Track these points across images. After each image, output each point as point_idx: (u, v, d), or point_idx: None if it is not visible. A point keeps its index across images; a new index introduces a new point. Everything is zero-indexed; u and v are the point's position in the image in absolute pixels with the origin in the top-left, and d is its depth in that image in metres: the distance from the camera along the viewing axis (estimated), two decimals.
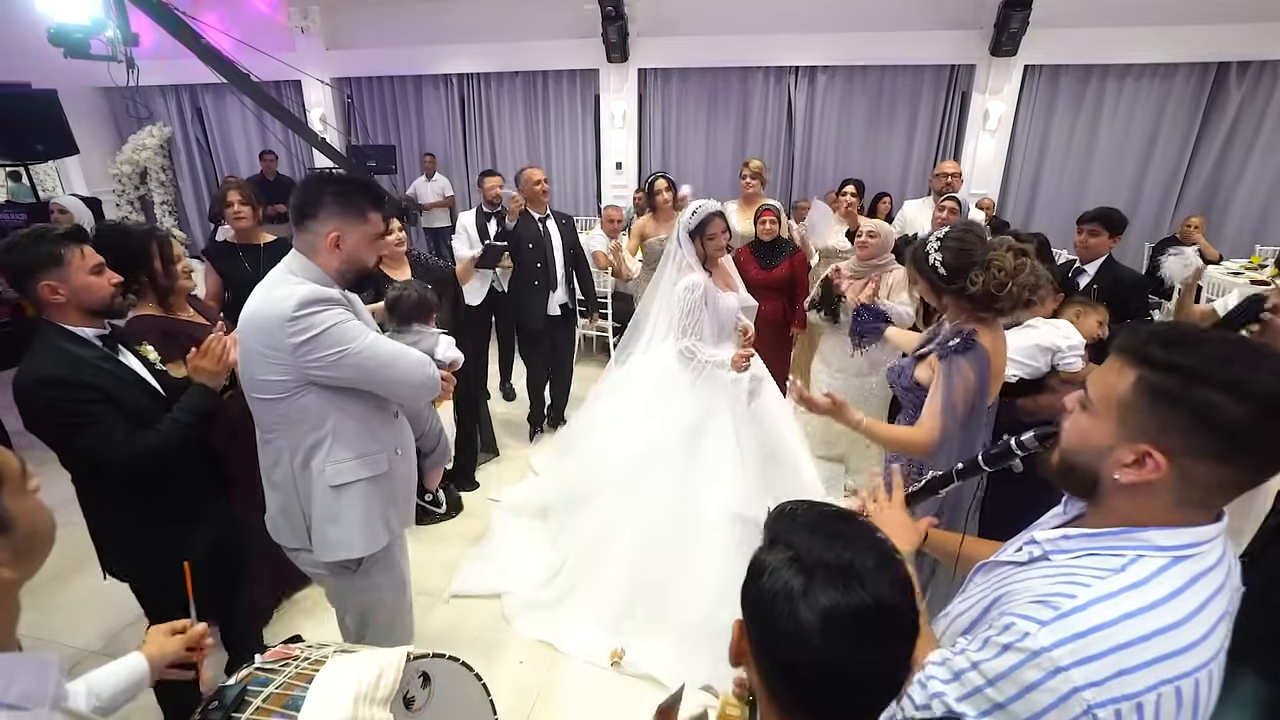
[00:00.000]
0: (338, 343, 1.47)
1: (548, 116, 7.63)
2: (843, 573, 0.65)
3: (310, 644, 1.19)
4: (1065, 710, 0.72)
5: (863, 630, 0.64)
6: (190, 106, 8.70)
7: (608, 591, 2.56)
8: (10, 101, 5.69)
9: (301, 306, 1.43)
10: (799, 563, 0.67)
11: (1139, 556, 0.78)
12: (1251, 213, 5.88)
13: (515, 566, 2.89)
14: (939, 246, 1.68)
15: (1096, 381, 0.83)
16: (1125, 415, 0.78)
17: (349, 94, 8.08)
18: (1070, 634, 0.74)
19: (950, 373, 1.66)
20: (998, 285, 1.60)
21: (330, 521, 1.62)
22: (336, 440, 1.57)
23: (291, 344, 1.44)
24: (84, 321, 1.68)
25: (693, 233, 2.59)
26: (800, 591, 0.65)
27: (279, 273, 1.55)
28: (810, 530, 0.71)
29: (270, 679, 1.08)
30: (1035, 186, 6.51)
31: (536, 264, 3.79)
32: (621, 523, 2.65)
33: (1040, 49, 5.94)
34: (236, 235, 2.90)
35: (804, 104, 6.81)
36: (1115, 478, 0.79)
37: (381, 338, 1.57)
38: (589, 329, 5.38)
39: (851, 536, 0.70)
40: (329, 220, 1.51)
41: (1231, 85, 5.69)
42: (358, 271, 1.59)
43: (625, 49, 6.79)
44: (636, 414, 2.79)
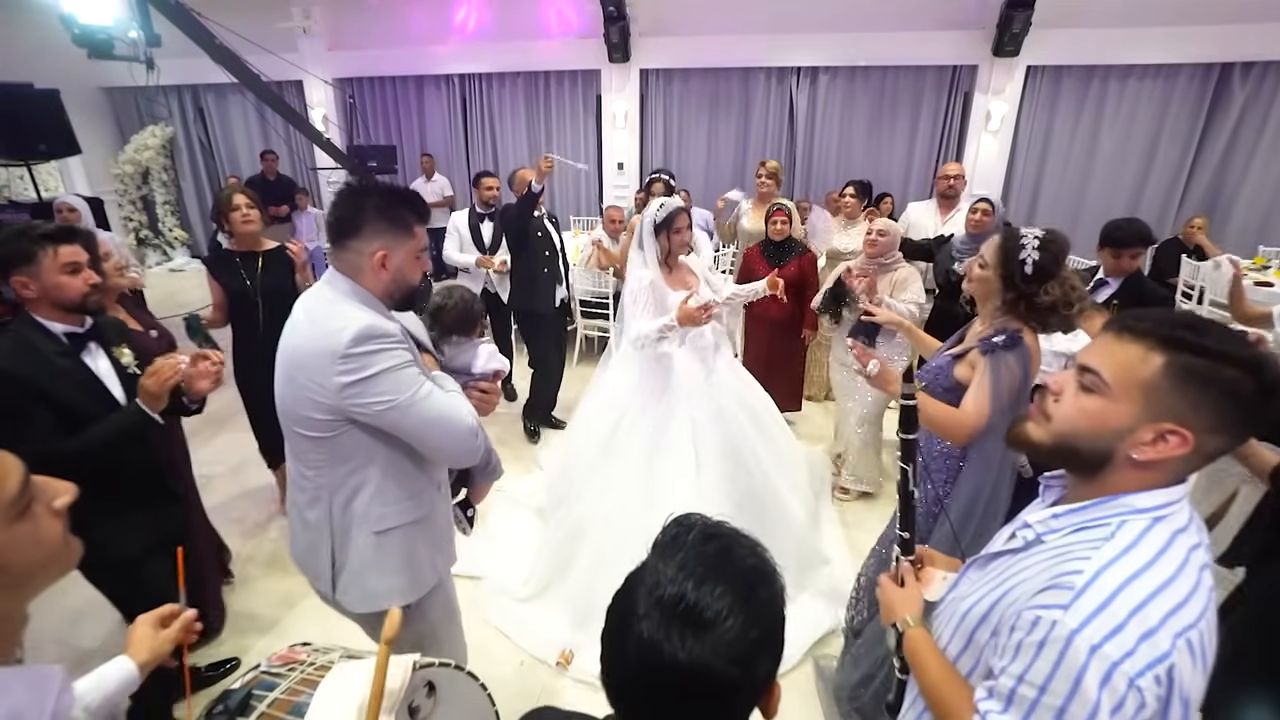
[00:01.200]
0: (389, 391, 1.32)
1: (549, 117, 7.63)
2: (679, 613, 0.63)
3: (316, 648, 1.19)
4: (1112, 691, 0.74)
5: (674, 682, 0.63)
6: (192, 106, 8.70)
7: (574, 594, 2.57)
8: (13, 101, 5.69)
9: (358, 342, 1.28)
10: (651, 589, 0.66)
11: (1123, 522, 0.83)
12: (1255, 214, 5.86)
13: (504, 555, 2.94)
14: (1039, 245, 1.67)
15: (1110, 364, 0.84)
16: (1151, 396, 0.80)
17: (351, 94, 8.09)
18: (1093, 609, 0.77)
19: (998, 367, 1.67)
20: (1066, 304, 1.65)
21: (372, 569, 1.48)
22: (386, 479, 1.44)
23: (339, 383, 1.29)
24: (58, 317, 1.72)
25: (658, 227, 2.58)
26: (637, 617, 0.65)
27: (325, 297, 1.39)
28: (684, 558, 0.68)
29: (276, 683, 1.08)
30: (1037, 188, 6.50)
31: (545, 252, 3.80)
32: (587, 527, 2.66)
33: (1043, 49, 5.93)
34: (238, 242, 2.81)
35: (806, 104, 6.80)
36: (1133, 456, 0.82)
37: (435, 390, 1.40)
38: (590, 329, 5.39)
39: (721, 573, 0.66)
40: (375, 238, 1.36)
41: (1235, 86, 5.67)
42: (405, 292, 1.45)
43: (627, 49, 6.79)
44: (606, 418, 2.81)
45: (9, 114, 5.61)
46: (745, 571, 0.68)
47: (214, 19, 4.99)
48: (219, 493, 3.50)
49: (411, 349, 1.40)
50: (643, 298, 2.54)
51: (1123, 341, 0.84)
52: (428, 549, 1.56)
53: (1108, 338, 0.87)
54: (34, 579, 0.75)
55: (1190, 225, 5.36)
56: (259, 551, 3.08)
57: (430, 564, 1.58)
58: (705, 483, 2.53)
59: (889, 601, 1.14)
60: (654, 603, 0.65)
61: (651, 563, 0.70)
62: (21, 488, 0.72)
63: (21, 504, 0.72)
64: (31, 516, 0.74)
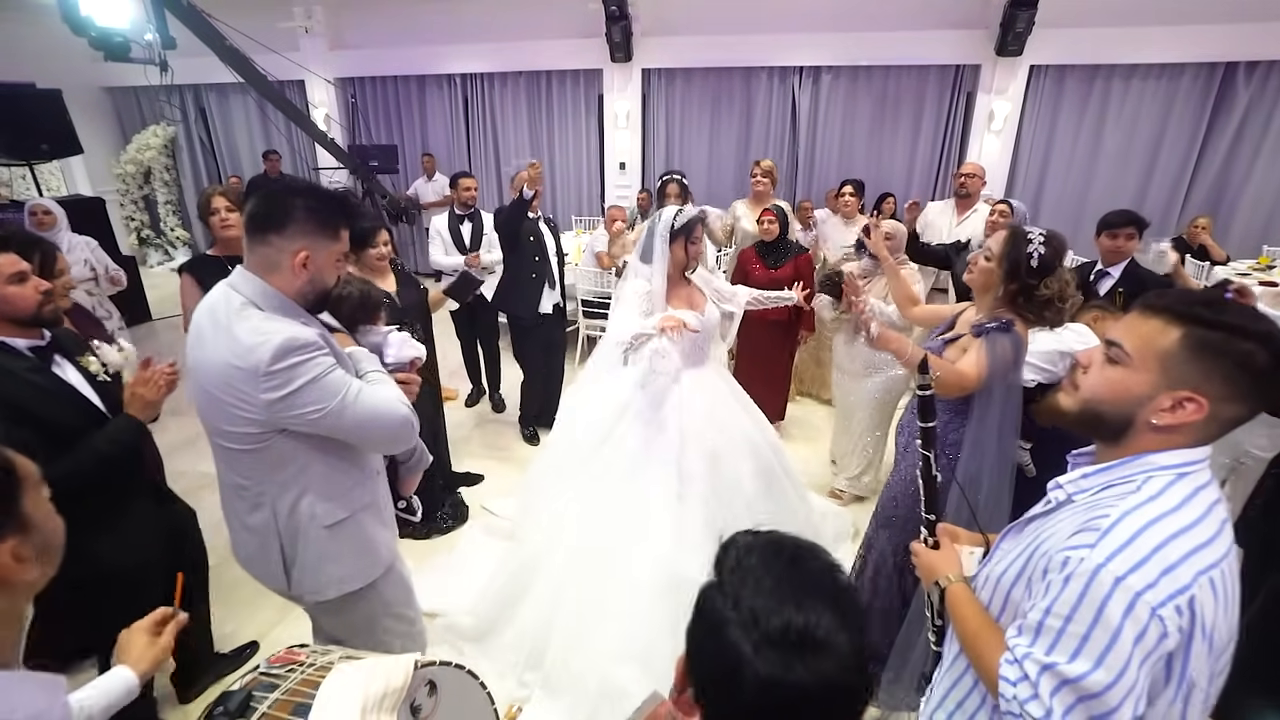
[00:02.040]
0: (318, 400, 1.31)
1: (551, 117, 7.62)
2: (793, 642, 0.60)
3: (315, 648, 1.17)
4: (1135, 620, 0.80)
5: (804, 707, 0.60)
6: (194, 106, 8.71)
7: (525, 632, 2.32)
8: (15, 101, 5.71)
9: (278, 357, 1.26)
10: (748, 626, 0.62)
11: (1149, 477, 0.89)
12: (1259, 213, 5.84)
13: (468, 587, 2.62)
14: (1044, 241, 1.77)
15: (1132, 337, 0.92)
16: (1169, 366, 0.87)
17: (352, 94, 8.09)
18: (1117, 545, 0.83)
19: (993, 345, 1.76)
20: (1061, 299, 1.76)
21: (329, 560, 1.50)
22: (331, 474, 1.45)
23: (267, 399, 1.28)
24: (13, 332, 1.59)
25: (675, 234, 2.34)
26: (747, 659, 0.60)
27: (233, 305, 1.33)
28: (764, 581, 0.64)
29: (276, 684, 1.07)
30: (1041, 187, 6.48)
31: (534, 257, 3.77)
32: (546, 557, 2.40)
33: (1046, 49, 5.91)
34: (222, 246, 2.68)
35: (808, 104, 6.78)
36: (1152, 421, 0.89)
37: (365, 387, 1.41)
38: (592, 329, 5.38)
39: (809, 588, 0.64)
40: (300, 237, 1.33)
41: (1240, 85, 5.65)
42: (320, 293, 1.42)
43: (629, 49, 6.78)
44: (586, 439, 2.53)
45: (11, 114, 5.62)
46: (823, 575, 0.67)
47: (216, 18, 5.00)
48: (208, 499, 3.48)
49: (333, 348, 1.40)
50: (634, 304, 2.34)
51: (1145, 317, 0.91)
52: (381, 529, 1.60)
53: (1133, 315, 0.94)
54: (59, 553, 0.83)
55: (1194, 225, 5.33)
56: None
57: (385, 544, 1.61)
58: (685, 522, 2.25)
59: (928, 564, 1.21)
60: (762, 639, 0.61)
61: (731, 595, 0.65)
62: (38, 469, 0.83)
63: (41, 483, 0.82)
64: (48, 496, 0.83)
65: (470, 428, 4.33)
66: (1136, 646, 0.80)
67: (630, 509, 2.30)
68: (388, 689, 0.99)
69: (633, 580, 2.20)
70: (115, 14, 4.34)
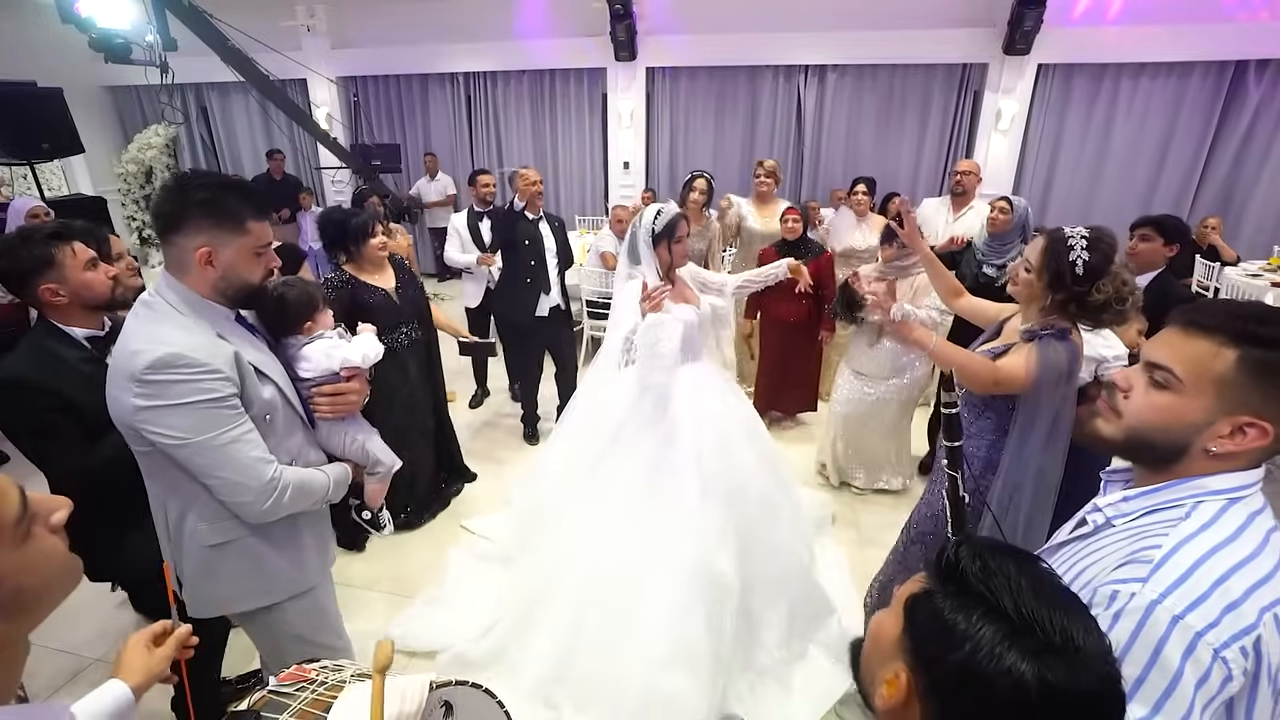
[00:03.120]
0: (183, 429, 1.24)
1: (554, 115, 7.58)
2: (1063, 646, 0.56)
3: (325, 665, 1.14)
4: (1197, 663, 0.73)
5: (1086, 710, 0.57)
6: (196, 105, 8.67)
7: (541, 653, 2.25)
8: (16, 100, 5.66)
9: (156, 368, 1.20)
10: (1015, 623, 0.57)
11: (1198, 503, 0.83)
12: (1269, 213, 5.80)
13: (463, 619, 2.52)
14: (1087, 245, 1.64)
15: (1181, 360, 0.84)
16: (1226, 391, 0.80)
17: (355, 92, 8.05)
18: (1173, 580, 0.76)
19: (1045, 350, 1.64)
20: (1119, 300, 1.63)
21: (205, 577, 1.43)
22: (208, 500, 1.35)
23: (133, 404, 1.23)
24: (85, 320, 1.63)
25: (657, 237, 2.30)
26: (1020, 665, 0.56)
27: (147, 306, 1.30)
28: (1022, 571, 0.61)
29: (286, 704, 1.03)
30: (1048, 187, 6.44)
31: (530, 262, 3.74)
32: (564, 571, 2.33)
33: (1054, 47, 5.87)
34: None
35: (813, 103, 6.74)
36: (1210, 449, 0.82)
37: (244, 439, 1.30)
38: (596, 329, 5.34)
39: (1066, 602, 0.61)
40: (197, 233, 1.27)
41: (1250, 84, 5.61)
42: (239, 290, 1.35)
43: (633, 47, 6.74)
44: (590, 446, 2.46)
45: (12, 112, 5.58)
46: (1056, 578, 0.65)
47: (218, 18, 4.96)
48: None
49: (236, 380, 1.30)
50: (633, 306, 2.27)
51: (1191, 336, 0.83)
52: (281, 557, 1.48)
53: (1174, 333, 0.86)
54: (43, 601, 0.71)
55: (1204, 225, 5.31)
56: None
57: (286, 572, 1.50)
58: (708, 522, 2.20)
59: None
60: (1031, 652, 0.56)
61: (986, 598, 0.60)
62: (22, 508, 0.68)
63: (25, 525, 0.68)
64: (34, 537, 0.69)
65: (475, 429, 4.30)
66: (1199, 691, 0.73)
67: (651, 512, 2.23)
68: (402, 711, 0.95)
69: (663, 584, 2.15)
70: (116, 15, 4.31)
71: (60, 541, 0.74)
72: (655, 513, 2.24)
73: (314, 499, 1.45)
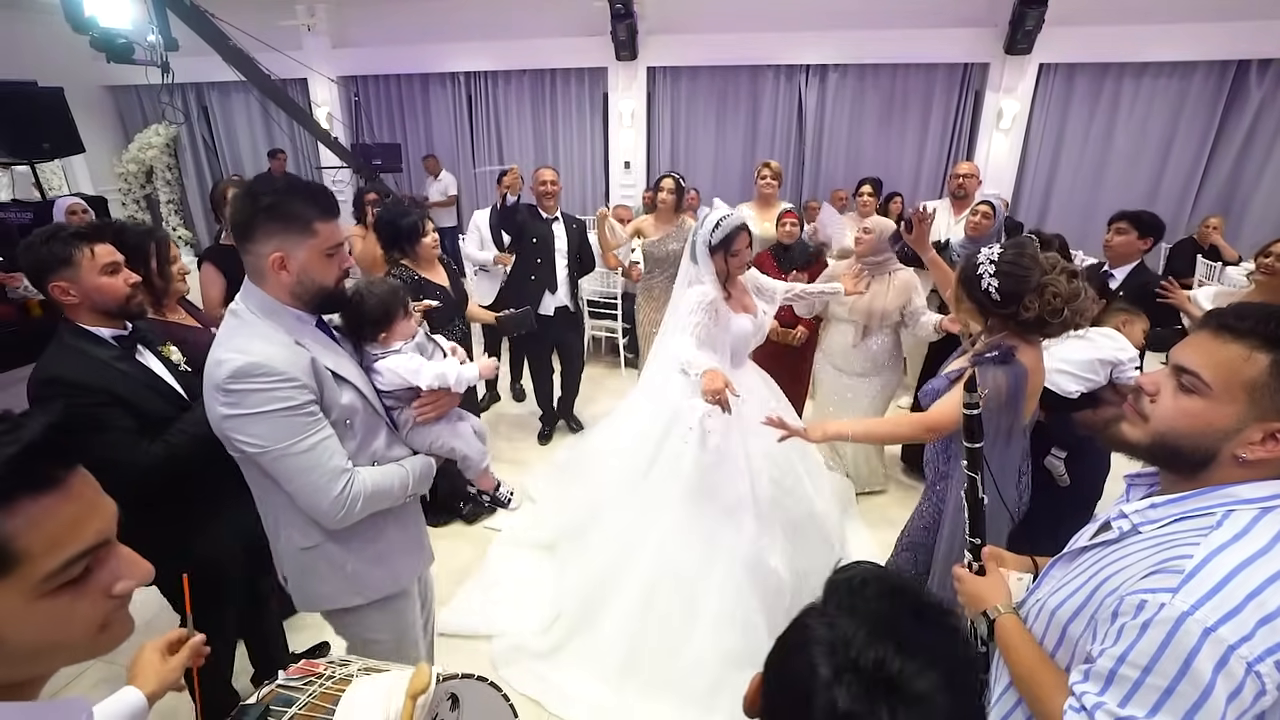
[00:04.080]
0: (261, 436, 1.27)
1: (555, 115, 7.59)
2: (882, 681, 0.52)
3: (334, 659, 1.13)
4: (1229, 676, 0.71)
5: None
6: (196, 105, 8.67)
7: (608, 643, 2.27)
8: (16, 99, 5.65)
9: (237, 378, 1.23)
10: (836, 649, 0.55)
11: (1229, 511, 0.80)
12: (1271, 213, 5.79)
13: (513, 604, 2.60)
14: (994, 272, 1.59)
15: (1210, 365, 0.82)
16: (1258, 396, 0.79)
17: (355, 92, 8.05)
18: (1205, 592, 0.74)
19: (983, 378, 1.58)
20: (1052, 312, 1.56)
21: (303, 576, 1.48)
22: (290, 506, 1.38)
23: (220, 413, 1.27)
24: (100, 322, 1.63)
25: (715, 247, 2.27)
26: (823, 683, 0.53)
27: (235, 314, 1.33)
28: (872, 616, 0.57)
29: (294, 698, 1.03)
30: (1050, 187, 6.44)
31: (537, 260, 3.73)
32: (627, 564, 2.36)
33: (1056, 47, 5.87)
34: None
35: (814, 103, 6.75)
36: (1241, 455, 0.80)
37: (322, 445, 1.32)
38: (598, 330, 5.34)
39: (918, 644, 0.55)
40: (267, 240, 1.28)
41: (1252, 84, 5.61)
42: (315, 294, 1.35)
43: (634, 47, 6.74)
44: (648, 443, 2.49)
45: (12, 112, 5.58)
46: (946, 635, 0.59)
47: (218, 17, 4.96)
48: None
49: (314, 387, 1.31)
50: (697, 316, 2.24)
51: (1222, 340, 0.82)
52: (366, 565, 1.50)
53: (1204, 336, 0.84)
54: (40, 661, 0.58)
55: (1205, 225, 5.30)
56: None
57: (372, 575, 1.52)
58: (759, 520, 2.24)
59: (974, 592, 1.11)
60: (848, 666, 0.54)
61: (829, 617, 0.58)
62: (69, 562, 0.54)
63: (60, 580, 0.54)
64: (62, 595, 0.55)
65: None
66: (1230, 705, 0.71)
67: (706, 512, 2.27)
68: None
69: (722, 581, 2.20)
70: (118, 15, 4.30)
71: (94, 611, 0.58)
72: (710, 512, 2.27)
73: (393, 498, 1.46)
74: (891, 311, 3.10)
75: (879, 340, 3.21)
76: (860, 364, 3.28)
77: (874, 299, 3.11)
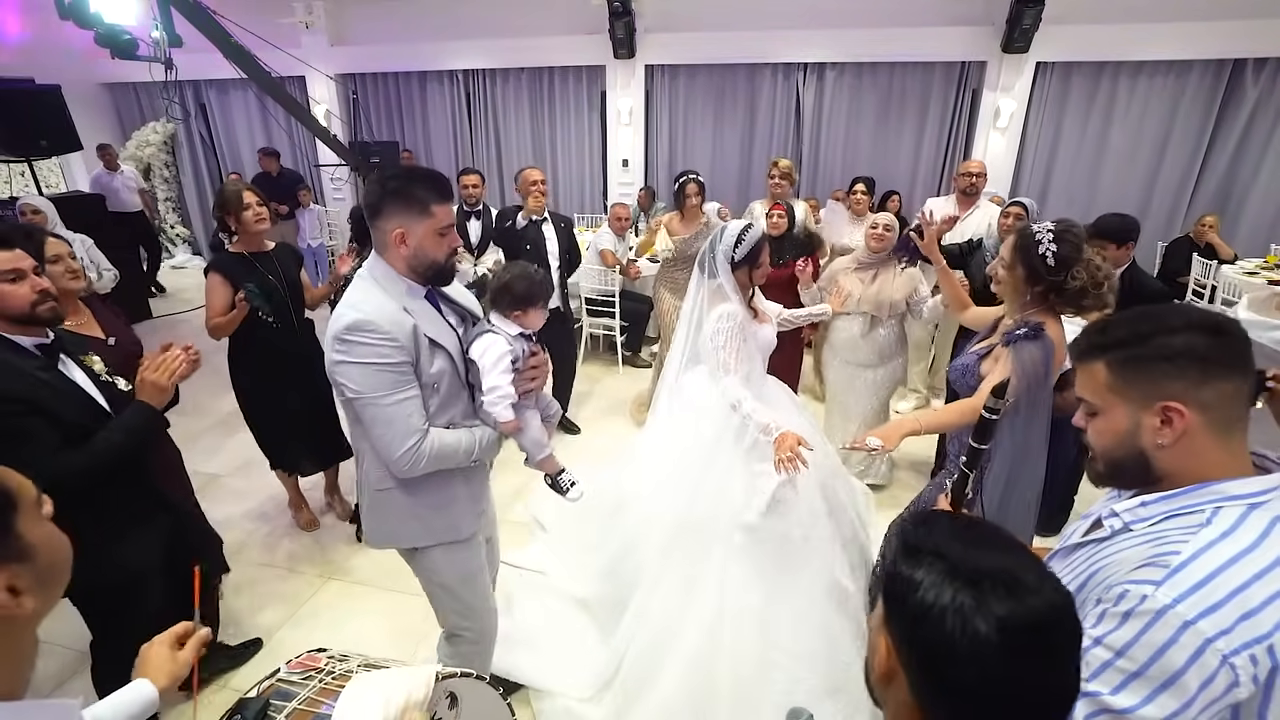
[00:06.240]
0: (357, 384, 1.46)
1: (553, 113, 7.58)
2: (1010, 582, 0.60)
3: (335, 655, 1.15)
4: (1202, 666, 0.74)
5: (1047, 643, 0.60)
6: (194, 102, 8.65)
7: (672, 708, 2.03)
8: (14, 97, 5.66)
9: (350, 330, 1.44)
10: (959, 573, 0.61)
11: (1218, 509, 0.83)
12: (1267, 212, 5.82)
13: (553, 659, 2.37)
14: (1054, 238, 1.73)
15: (1086, 389, 0.96)
16: (1122, 393, 0.90)
17: (354, 90, 8.04)
18: (1188, 587, 0.77)
19: (1020, 355, 1.71)
20: (1095, 285, 1.71)
21: (375, 514, 1.69)
22: (373, 449, 1.59)
23: (332, 358, 1.48)
24: (15, 330, 1.58)
25: (738, 264, 2.22)
26: (972, 605, 0.59)
27: (361, 276, 1.56)
28: (961, 539, 0.65)
29: (294, 692, 1.05)
30: (1046, 185, 6.45)
31: (534, 266, 3.73)
32: (681, 617, 2.12)
33: (1053, 46, 5.87)
34: (246, 243, 2.67)
35: (812, 101, 6.75)
36: (1159, 443, 0.87)
37: (405, 402, 1.49)
38: (595, 327, 5.35)
39: (1003, 545, 0.65)
40: (392, 217, 1.48)
41: (1248, 82, 5.62)
42: (428, 267, 1.54)
43: (632, 45, 6.74)
44: (683, 479, 2.27)
45: (10, 110, 5.58)
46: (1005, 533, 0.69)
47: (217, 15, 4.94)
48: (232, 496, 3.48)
49: (411, 350, 1.49)
50: (734, 341, 2.17)
51: (1080, 366, 0.97)
52: (429, 511, 1.67)
53: (1075, 369, 0.99)
54: (60, 579, 0.78)
55: (1201, 223, 5.32)
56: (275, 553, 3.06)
57: (438, 520, 1.69)
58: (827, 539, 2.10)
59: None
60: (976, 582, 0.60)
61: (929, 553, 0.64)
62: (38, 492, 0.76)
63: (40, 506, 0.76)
64: (43, 520, 0.77)
65: None
66: (1201, 692, 0.75)
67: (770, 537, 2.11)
68: (408, 701, 0.96)
69: (798, 611, 2.05)
70: (123, 11, 4.29)
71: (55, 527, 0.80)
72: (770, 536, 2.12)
73: (457, 460, 1.62)
74: (899, 302, 3.20)
75: (886, 330, 3.31)
76: (868, 355, 3.35)
77: (881, 290, 3.20)
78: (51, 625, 2.44)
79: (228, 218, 2.63)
